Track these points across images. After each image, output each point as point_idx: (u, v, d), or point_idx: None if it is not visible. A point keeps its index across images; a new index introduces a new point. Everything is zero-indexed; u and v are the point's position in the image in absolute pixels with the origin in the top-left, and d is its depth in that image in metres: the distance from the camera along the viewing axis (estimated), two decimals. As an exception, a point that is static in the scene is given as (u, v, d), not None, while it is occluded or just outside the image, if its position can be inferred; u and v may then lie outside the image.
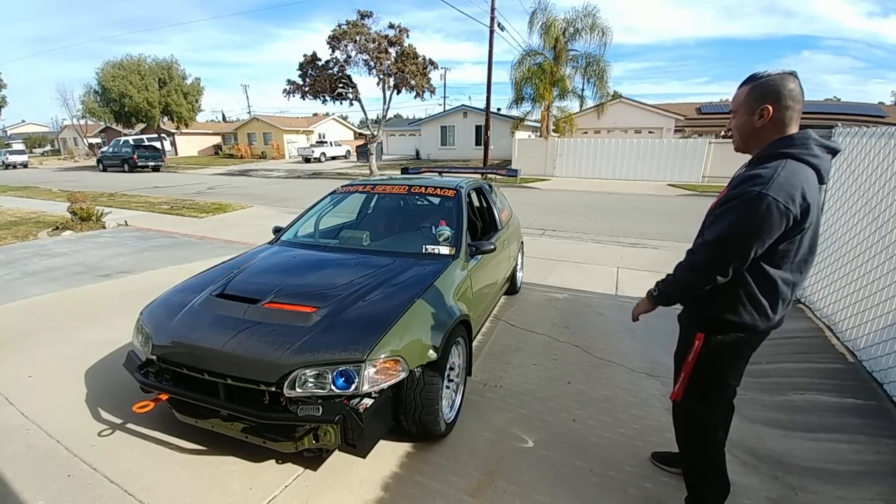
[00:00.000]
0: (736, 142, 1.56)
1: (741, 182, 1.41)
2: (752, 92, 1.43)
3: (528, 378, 3.02)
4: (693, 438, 1.80)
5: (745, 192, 1.36)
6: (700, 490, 1.82)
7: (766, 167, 1.38)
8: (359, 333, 2.01)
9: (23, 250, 6.39)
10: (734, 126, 1.52)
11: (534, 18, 18.37)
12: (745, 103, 1.46)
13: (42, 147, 51.82)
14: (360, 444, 1.90)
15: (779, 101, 1.40)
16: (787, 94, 1.39)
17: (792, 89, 1.39)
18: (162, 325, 2.26)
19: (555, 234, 7.98)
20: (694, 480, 1.84)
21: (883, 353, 2.78)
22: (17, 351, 3.26)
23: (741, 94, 1.47)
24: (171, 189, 15.44)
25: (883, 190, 3.02)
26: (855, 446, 2.35)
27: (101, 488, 1.97)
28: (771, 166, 1.38)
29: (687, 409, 1.73)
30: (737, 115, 1.50)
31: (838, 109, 22.63)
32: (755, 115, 1.44)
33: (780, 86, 1.39)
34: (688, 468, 1.88)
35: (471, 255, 2.99)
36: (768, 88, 1.41)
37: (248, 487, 1.99)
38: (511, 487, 2.04)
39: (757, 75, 1.45)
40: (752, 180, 1.37)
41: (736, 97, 1.50)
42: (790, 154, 1.40)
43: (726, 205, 1.42)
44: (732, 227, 1.39)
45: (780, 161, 1.39)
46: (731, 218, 1.40)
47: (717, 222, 1.45)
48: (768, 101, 1.40)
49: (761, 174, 1.37)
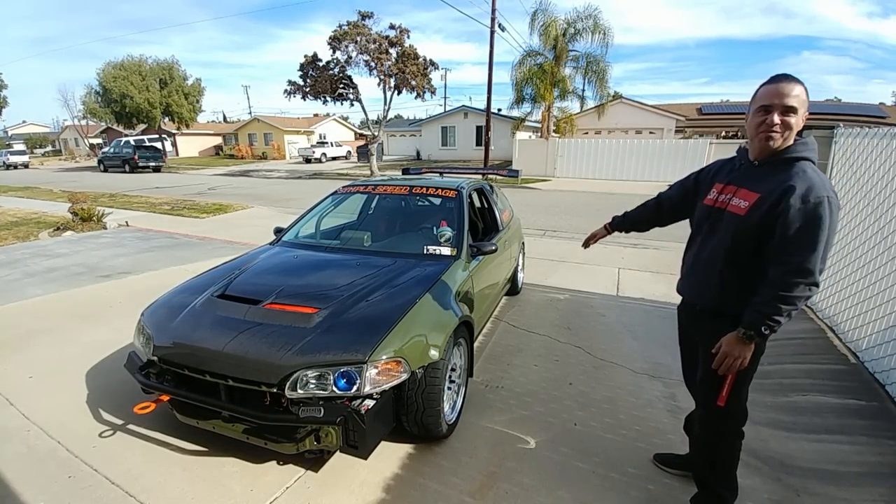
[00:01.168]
0: (777, 142, 1.50)
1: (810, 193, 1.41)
2: (806, 93, 1.46)
3: (530, 379, 3.01)
4: (726, 438, 1.79)
5: (820, 203, 1.40)
6: (719, 491, 1.82)
7: (807, 173, 1.46)
8: (360, 334, 2.00)
9: (23, 251, 6.39)
10: (793, 125, 1.47)
11: (534, 19, 18.37)
12: (805, 103, 1.46)
13: (43, 147, 51.85)
14: (361, 445, 1.90)
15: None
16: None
17: None
18: (163, 326, 2.26)
19: (556, 235, 7.98)
20: (714, 481, 1.83)
21: (885, 354, 2.77)
22: (18, 351, 3.26)
23: (801, 92, 1.45)
24: (171, 189, 15.45)
25: (885, 191, 3.01)
26: (857, 447, 2.34)
27: (101, 489, 1.97)
28: (810, 170, 1.47)
29: (729, 410, 1.69)
30: (798, 112, 1.46)
31: (839, 110, 22.61)
32: (803, 116, 1.48)
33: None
34: (713, 470, 1.84)
35: (472, 255, 2.99)
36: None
37: (249, 489, 1.99)
38: (513, 489, 2.04)
39: (793, 76, 1.47)
40: (817, 190, 1.41)
41: (797, 94, 1.44)
42: (810, 158, 1.50)
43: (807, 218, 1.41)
44: (826, 237, 1.41)
45: (804, 163, 1.49)
46: (820, 231, 1.40)
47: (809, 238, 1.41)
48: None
49: (817, 182, 1.43)
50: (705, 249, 1.70)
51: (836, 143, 3.84)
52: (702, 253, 1.72)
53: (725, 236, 1.60)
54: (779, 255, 1.47)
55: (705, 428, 1.84)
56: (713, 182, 1.74)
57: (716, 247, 1.65)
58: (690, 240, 1.85)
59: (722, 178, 1.70)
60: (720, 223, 1.64)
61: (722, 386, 1.63)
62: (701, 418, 1.86)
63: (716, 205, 1.67)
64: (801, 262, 1.43)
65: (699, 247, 1.75)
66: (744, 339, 1.53)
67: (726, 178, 1.67)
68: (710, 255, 1.68)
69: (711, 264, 1.67)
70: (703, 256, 1.72)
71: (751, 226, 1.52)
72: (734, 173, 1.67)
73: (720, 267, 1.64)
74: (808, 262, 1.42)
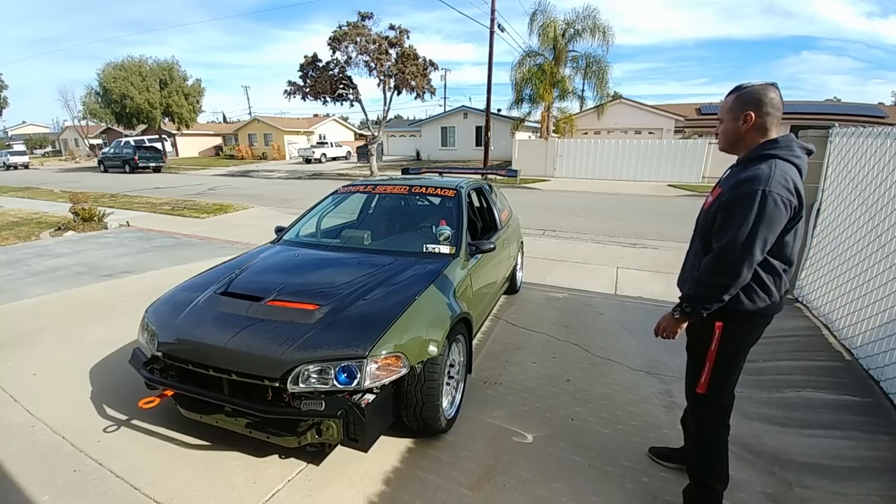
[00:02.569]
0: (722, 144, 1.72)
1: (741, 183, 1.51)
2: (737, 100, 1.60)
3: (528, 376, 3.05)
4: (711, 428, 1.83)
5: (750, 192, 1.48)
6: (709, 482, 1.85)
7: (760, 167, 1.52)
8: (360, 330, 2.04)
9: (25, 251, 6.42)
10: (721, 130, 1.68)
11: (534, 19, 18.45)
12: (731, 110, 1.62)
13: (43, 148, 51.90)
14: (361, 438, 1.93)
15: (760, 108, 1.56)
16: (768, 102, 1.56)
17: (772, 98, 1.56)
18: (167, 322, 2.29)
19: (555, 235, 8.01)
20: (703, 473, 1.86)
21: (879, 350, 2.81)
22: (21, 350, 3.29)
23: (728, 101, 1.63)
24: (172, 190, 15.48)
25: (879, 189, 3.05)
26: (851, 442, 2.37)
27: (106, 483, 2.00)
28: (764, 166, 1.52)
29: (708, 399, 1.76)
30: (724, 120, 1.65)
31: (838, 110, 22.66)
32: (739, 120, 1.60)
33: (762, 94, 1.56)
34: (700, 461, 1.88)
35: (471, 254, 3.02)
36: (751, 97, 1.58)
37: (251, 481, 2.02)
38: (510, 482, 2.07)
39: (742, 86, 1.62)
40: (752, 181, 1.49)
41: (723, 105, 1.66)
42: (777, 155, 1.54)
43: (732, 206, 1.52)
44: (750, 226, 1.48)
45: (770, 161, 1.53)
46: (743, 218, 1.48)
47: (728, 225, 1.52)
48: (751, 108, 1.57)
49: (759, 174, 1.49)
50: (691, 244, 1.87)
51: (832, 142, 3.87)
52: (690, 247, 1.89)
53: (698, 231, 1.79)
54: (710, 243, 1.63)
55: (691, 418, 1.93)
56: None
57: (693, 242, 1.84)
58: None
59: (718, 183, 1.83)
60: (699, 220, 1.81)
61: (700, 373, 1.73)
62: (687, 409, 1.96)
63: (704, 206, 1.80)
64: (720, 247, 1.54)
65: (690, 244, 1.90)
66: (672, 314, 1.72)
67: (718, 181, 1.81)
68: (691, 250, 1.86)
69: (692, 258, 1.83)
70: (689, 250, 1.89)
71: (710, 218, 1.66)
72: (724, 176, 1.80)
73: (692, 259, 1.81)
74: (727, 249, 1.51)
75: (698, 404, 1.84)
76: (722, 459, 1.84)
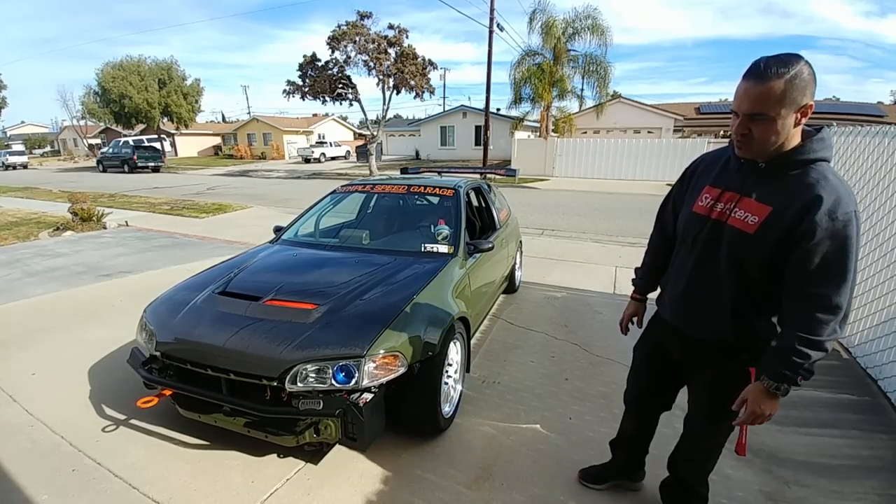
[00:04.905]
0: (763, 149, 1.24)
1: (834, 209, 1.16)
2: (795, 85, 1.12)
3: (527, 375, 3.05)
4: (715, 461, 1.69)
5: (848, 220, 1.16)
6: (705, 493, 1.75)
7: (827, 180, 1.20)
8: (358, 329, 2.04)
9: (24, 250, 6.42)
10: (766, 131, 1.19)
11: (533, 18, 18.42)
12: (786, 101, 1.14)
13: (42, 148, 51.84)
14: (360, 437, 1.94)
15: (814, 95, 1.17)
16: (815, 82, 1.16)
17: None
18: (165, 322, 2.30)
19: (554, 234, 8.02)
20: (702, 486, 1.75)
21: (877, 349, 2.82)
22: (20, 349, 3.29)
23: (774, 88, 1.13)
24: (171, 190, 15.47)
25: (877, 189, 3.05)
26: (849, 441, 2.38)
27: (105, 482, 2.01)
28: (830, 177, 1.20)
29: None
30: (774, 116, 1.16)
31: (837, 109, 22.67)
32: (798, 114, 1.17)
33: (814, 74, 1.15)
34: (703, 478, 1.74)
35: (469, 253, 3.02)
36: (810, 80, 1.14)
37: (250, 481, 2.02)
38: (508, 481, 2.07)
39: (786, 61, 1.14)
40: (843, 203, 1.17)
41: (766, 93, 1.14)
42: (827, 158, 1.23)
43: (838, 241, 1.17)
44: (853, 266, 1.19)
45: (823, 166, 1.22)
46: (852, 254, 1.18)
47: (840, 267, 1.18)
48: (809, 96, 1.15)
49: (839, 192, 1.18)
50: (702, 269, 1.42)
51: (830, 141, 3.88)
52: (698, 274, 1.44)
53: (731, 258, 1.33)
54: (801, 287, 1.22)
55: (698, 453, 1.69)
56: (702, 183, 1.46)
57: (719, 270, 1.36)
58: (676, 252, 1.56)
59: (715, 181, 1.42)
60: (720, 240, 1.35)
61: (741, 434, 1.41)
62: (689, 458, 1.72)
63: (712, 215, 1.38)
64: (829, 296, 1.19)
65: (693, 265, 1.45)
66: (776, 393, 1.28)
67: (723, 182, 1.38)
68: (712, 280, 1.40)
69: (716, 291, 1.39)
70: (700, 279, 1.44)
71: (764, 247, 1.26)
72: (730, 175, 1.37)
73: (731, 296, 1.36)
74: (839, 295, 1.19)
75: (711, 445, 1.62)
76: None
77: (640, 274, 1.87)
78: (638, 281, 1.88)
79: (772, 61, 1.15)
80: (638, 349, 1.87)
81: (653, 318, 1.77)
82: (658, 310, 1.70)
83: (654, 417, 1.89)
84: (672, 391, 1.78)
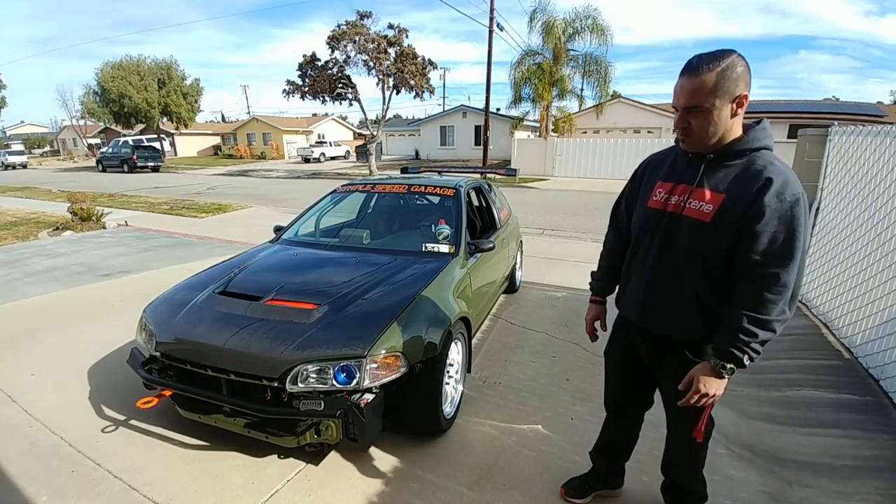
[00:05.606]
0: (703, 141, 1.30)
1: (781, 190, 1.21)
2: (727, 77, 1.20)
3: (528, 375, 3.04)
4: (702, 459, 1.68)
5: (797, 201, 1.21)
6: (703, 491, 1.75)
7: (773, 164, 1.26)
8: (359, 329, 2.03)
9: (23, 250, 6.40)
10: (705, 122, 1.25)
11: (533, 18, 18.42)
12: (719, 92, 1.22)
13: (41, 148, 51.80)
14: (361, 438, 1.93)
15: (749, 86, 1.24)
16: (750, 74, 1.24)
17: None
18: (165, 322, 2.29)
19: (554, 234, 8.01)
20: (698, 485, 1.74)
21: (879, 349, 2.81)
22: (20, 349, 3.28)
23: (707, 81, 1.21)
24: (170, 189, 15.46)
25: (879, 188, 3.04)
26: (851, 441, 2.37)
27: (105, 483, 1.99)
28: (777, 161, 1.27)
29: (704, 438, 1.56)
30: (709, 108, 1.23)
31: (837, 109, 22.67)
32: (733, 104, 1.24)
33: (747, 65, 1.23)
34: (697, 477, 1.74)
35: (470, 253, 3.01)
36: (742, 71, 1.22)
37: (250, 482, 2.01)
38: (510, 481, 2.06)
39: (719, 57, 1.22)
40: (790, 185, 1.22)
41: (699, 86, 1.22)
42: (770, 147, 1.30)
43: (787, 221, 1.21)
44: (801, 246, 1.23)
45: (766, 153, 1.29)
46: (802, 233, 1.22)
47: (789, 246, 1.22)
48: (743, 86, 1.22)
49: (786, 175, 1.23)
50: (663, 265, 1.42)
51: (831, 141, 3.87)
52: (660, 270, 1.44)
53: (692, 250, 1.34)
54: (752, 268, 1.26)
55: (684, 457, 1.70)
56: (653, 179, 1.49)
57: (680, 264, 1.37)
58: (633, 250, 1.56)
59: (666, 176, 1.45)
60: (677, 232, 1.37)
61: (698, 419, 1.45)
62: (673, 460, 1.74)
63: (667, 208, 1.40)
64: (778, 275, 1.23)
65: (653, 261, 1.45)
66: (721, 372, 1.31)
67: (675, 176, 1.41)
68: (673, 274, 1.40)
69: (679, 285, 1.40)
70: (662, 275, 1.44)
71: (722, 235, 1.29)
72: (681, 170, 1.41)
73: (694, 289, 1.37)
74: (787, 273, 1.23)
75: (691, 447, 1.60)
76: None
77: (597, 276, 1.86)
78: (596, 284, 1.86)
79: (704, 57, 1.23)
80: (608, 354, 1.85)
81: (617, 320, 1.76)
82: (620, 311, 1.69)
83: (637, 419, 1.89)
84: (650, 390, 1.78)
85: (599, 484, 1.98)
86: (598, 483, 1.98)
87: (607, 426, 1.94)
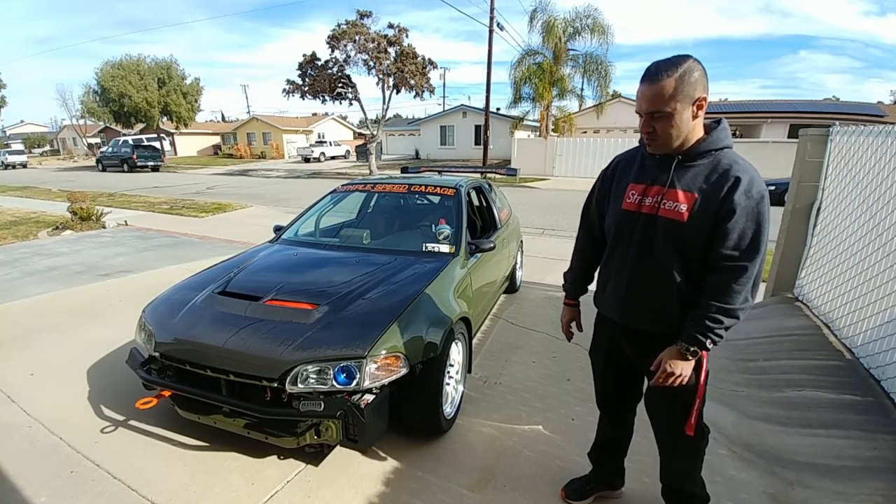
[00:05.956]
0: (667, 143, 1.35)
1: (749, 188, 1.28)
2: (686, 82, 1.26)
3: (528, 375, 3.04)
4: (700, 456, 1.67)
5: (762, 197, 1.29)
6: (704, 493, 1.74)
7: (738, 163, 1.32)
8: (360, 330, 2.03)
9: (23, 250, 6.40)
10: (668, 125, 1.31)
11: (533, 18, 18.42)
12: (679, 96, 1.27)
13: (41, 147, 51.79)
14: (361, 439, 1.92)
15: (707, 89, 1.30)
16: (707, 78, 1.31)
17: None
18: (164, 322, 2.28)
19: (554, 234, 8.01)
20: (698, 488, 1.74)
21: (880, 349, 2.80)
22: (19, 349, 3.27)
23: (666, 86, 1.26)
24: (170, 189, 15.45)
25: (880, 188, 3.04)
26: (852, 442, 2.36)
27: (104, 484, 1.99)
28: (740, 160, 1.33)
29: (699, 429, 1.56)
30: (670, 112, 1.28)
31: (837, 109, 22.65)
32: (694, 106, 1.29)
33: (704, 69, 1.29)
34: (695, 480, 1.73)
35: (470, 253, 3.01)
36: (700, 75, 1.28)
37: (250, 483, 2.01)
38: (510, 482, 2.06)
39: (676, 62, 1.28)
40: (755, 183, 1.29)
41: (658, 90, 1.27)
42: (730, 145, 1.37)
43: (752, 216, 1.28)
44: (765, 240, 1.31)
45: (729, 152, 1.35)
46: (764, 228, 1.30)
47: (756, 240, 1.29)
48: (701, 89, 1.28)
49: (751, 173, 1.31)
50: (643, 265, 1.46)
51: (832, 140, 3.86)
52: (640, 270, 1.48)
53: (669, 248, 1.39)
54: (723, 262, 1.32)
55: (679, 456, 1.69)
56: (624, 181, 1.53)
57: (659, 263, 1.42)
58: (610, 251, 1.59)
59: (637, 178, 1.48)
60: (654, 233, 1.41)
61: (690, 413, 1.48)
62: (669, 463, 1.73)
63: (642, 210, 1.44)
64: (746, 267, 1.30)
65: (633, 262, 1.49)
66: (685, 354, 1.38)
67: (647, 178, 1.45)
68: (653, 274, 1.44)
69: (660, 285, 1.44)
70: (642, 275, 1.48)
71: (698, 233, 1.34)
72: (651, 171, 1.45)
73: (675, 287, 1.41)
74: (753, 266, 1.31)
75: (685, 442, 1.58)
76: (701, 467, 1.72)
77: (570, 279, 1.89)
78: (569, 286, 1.90)
79: (662, 64, 1.29)
80: (593, 354, 1.88)
81: (598, 318, 1.78)
82: (600, 310, 1.72)
83: (630, 413, 1.91)
84: (638, 385, 1.81)
85: (600, 485, 1.98)
86: (598, 484, 1.98)
87: (602, 425, 1.97)
